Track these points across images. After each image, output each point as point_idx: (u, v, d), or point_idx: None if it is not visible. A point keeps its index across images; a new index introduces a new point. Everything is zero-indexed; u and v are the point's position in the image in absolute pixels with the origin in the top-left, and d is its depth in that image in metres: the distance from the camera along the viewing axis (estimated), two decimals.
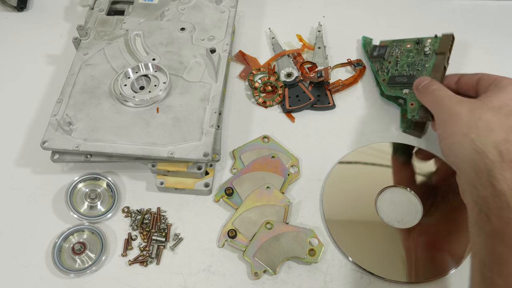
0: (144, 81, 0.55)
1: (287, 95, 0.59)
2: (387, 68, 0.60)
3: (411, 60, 0.58)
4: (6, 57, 0.65)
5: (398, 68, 0.59)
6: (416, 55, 0.59)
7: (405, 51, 0.60)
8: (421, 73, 0.56)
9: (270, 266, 0.46)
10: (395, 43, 0.62)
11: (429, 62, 0.57)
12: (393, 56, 0.60)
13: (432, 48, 0.53)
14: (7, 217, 0.51)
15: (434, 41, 0.56)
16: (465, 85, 0.49)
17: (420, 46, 0.59)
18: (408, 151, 0.55)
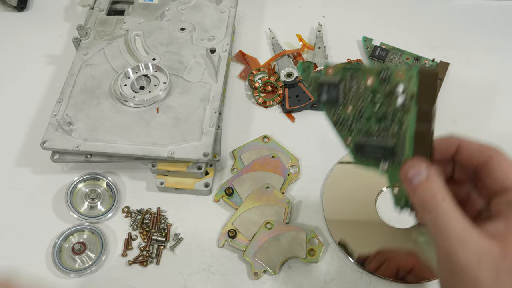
0: (144, 81, 0.55)
1: (287, 95, 0.59)
2: (347, 120, 0.35)
3: (380, 111, 0.33)
4: (6, 57, 0.65)
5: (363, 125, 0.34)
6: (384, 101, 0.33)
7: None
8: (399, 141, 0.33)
9: (270, 266, 0.46)
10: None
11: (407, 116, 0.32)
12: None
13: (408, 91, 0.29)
14: (7, 217, 0.51)
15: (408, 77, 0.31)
16: (468, 160, 0.32)
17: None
18: None
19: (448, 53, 0.63)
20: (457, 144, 0.32)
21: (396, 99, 0.31)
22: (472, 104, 0.59)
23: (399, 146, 0.32)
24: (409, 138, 0.31)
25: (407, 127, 0.31)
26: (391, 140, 0.32)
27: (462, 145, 0.32)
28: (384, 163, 0.33)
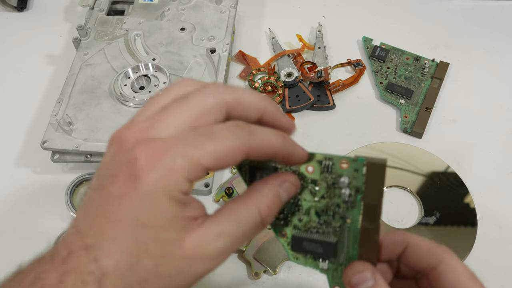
0: (144, 81, 0.55)
1: (287, 95, 0.59)
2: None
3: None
4: (6, 57, 0.65)
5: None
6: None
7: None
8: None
9: (270, 266, 0.46)
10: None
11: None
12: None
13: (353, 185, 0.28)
14: (7, 217, 0.51)
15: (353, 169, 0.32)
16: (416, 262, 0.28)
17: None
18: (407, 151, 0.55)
19: (448, 53, 0.63)
20: (405, 244, 0.28)
21: (339, 192, 0.28)
22: (472, 104, 0.59)
23: (342, 244, 0.28)
24: (353, 237, 0.28)
25: (351, 225, 0.28)
26: (333, 237, 0.28)
27: (411, 245, 0.28)
28: (324, 262, 0.29)
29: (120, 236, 0.22)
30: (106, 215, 0.23)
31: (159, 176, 0.22)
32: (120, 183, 0.23)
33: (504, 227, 0.49)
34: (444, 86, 0.60)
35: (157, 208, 0.22)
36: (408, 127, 0.56)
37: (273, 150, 0.25)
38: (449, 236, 0.48)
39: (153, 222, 0.22)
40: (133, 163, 0.22)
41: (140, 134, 0.24)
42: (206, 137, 0.23)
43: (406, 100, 0.58)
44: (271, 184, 0.26)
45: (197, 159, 0.22)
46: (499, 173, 0.53)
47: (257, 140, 0.24)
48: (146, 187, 0.22)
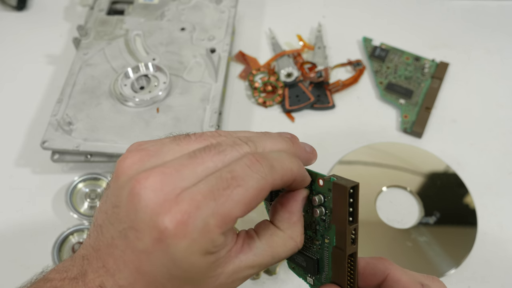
0: (144, 81, 0.55)
1: (287, 95, 0.59)
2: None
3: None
4: (6, 57, 0.65)
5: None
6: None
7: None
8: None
9: (270, 266, 0.46)
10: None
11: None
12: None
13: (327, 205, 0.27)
14: (7, 217, 0.51)
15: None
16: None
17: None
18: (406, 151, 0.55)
19: (448, 53, 0.63)
20: (386, 274, 0.27)
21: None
22: (472, 104, 0.59)
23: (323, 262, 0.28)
24: (329, 258, 0.27)
25: (329, 245, 0.27)
26: (316, 254, 0.28)
27: (392, 276, 0.27)
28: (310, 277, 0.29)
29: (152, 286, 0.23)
30: (135, 264, 0.23)
31: (191, 240, 0.21)
32: (147, 241, 0.22)
33: (504, 227, 0.49)
34: (444, 86, 0.60)
35: (191, 266, 0.22)
36: (408, 127, 0.56)
37: (292, 177, 0.25)
38: (449, 236, 0.48)
39: (191, 275, 0.23)
40: (160, 229, 0.21)
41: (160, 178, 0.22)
42: (232, 184, 0.22)
43: (406, 100, 0.58)
44: (298, 212, 0.27)
45: (228, 213, 0.22)
46: (499, 173, 0.53)
47: (279, 173, 0.24)
48: (178, 252, 0.22)
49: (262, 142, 0.26)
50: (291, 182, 0.25)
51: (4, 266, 0.48)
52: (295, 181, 0.25)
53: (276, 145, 0.26)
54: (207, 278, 0.23)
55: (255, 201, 0.23)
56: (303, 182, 0.26)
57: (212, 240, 0.22)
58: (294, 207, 0.27)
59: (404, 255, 0.47)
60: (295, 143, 0.27)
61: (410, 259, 0.47)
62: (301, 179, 0.26)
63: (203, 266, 0.23)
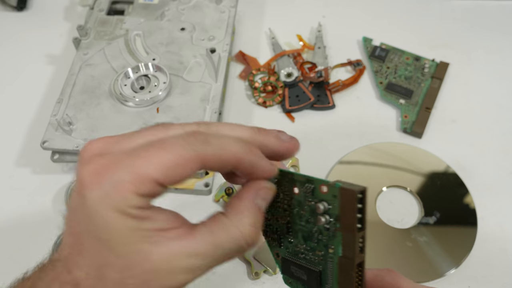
0: (144, 81, 0.55)
1: (287, 95, 0.59)
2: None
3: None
4: (6, 57, 0.65)
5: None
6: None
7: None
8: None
9: (270, 266, 0.46)
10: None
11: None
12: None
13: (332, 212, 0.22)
14: (7, 217, 0.51)
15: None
16: None
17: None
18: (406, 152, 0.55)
19: (448, 53, 0.63)
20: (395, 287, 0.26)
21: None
22: (472, 104, 0.59)
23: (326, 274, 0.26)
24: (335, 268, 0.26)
25: (333, 255, 0.25)
26: (318, 265, 0.27)
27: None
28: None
29: (84, 249, 0.23)
30: (70, 228, 0.23)
31: (103, 193, 0.21)
32: (73, 198, 0.23)
33: (504, 227, 0.49)
34: (444, 86, 0.60)
35: (108, 224, 0.22)
36: (408, 127, 0.56)
37: (234, 159, 0.23)
38: (449, 236, 0.48)
39: (108, 236, 0.22)
40: (80, 180, 0.22)
41: (97, 150, 0.23)
42: (157, 148, 0.22)
43: (406, 100, 0.58)
44: (247, 199, 0.25)
45: (145, 172, 0.21)
46: (499, 173, 0.53)
47: (214, 148, 0.23)
48: (92, 203, 0.22)
49: (219, 127, 0.25)
50: (233, 165, 0.24)
51: (4, 265, 0.48)
52: (241, 165, 0.24)
53: (234, 131, 0.25)
54: (131, 250, 0.22)
55: (177, 168, 0.22)
56: (253, 171, 0.25)
57: (124, 198, 0.21)
58: (245, 194, 0.25)
59: (404, 255, 0.47)
60: (261, 133, 0.25)
61: (410, 259, 0.47)
62: (249, 165, 0.24)
63: (120, 228, 0.22)
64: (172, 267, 0.23)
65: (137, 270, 0.22)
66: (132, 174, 0.21)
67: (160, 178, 0.22)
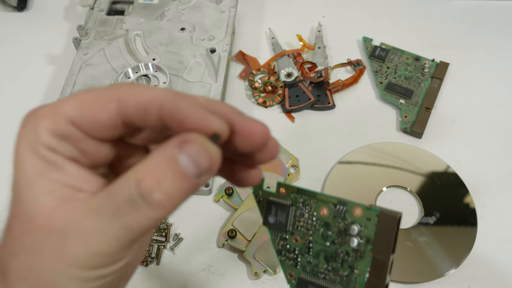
0: (144, 81, 0.55)
1: (287, 95, 0.59)
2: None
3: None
4: (6, 57, 0.65)
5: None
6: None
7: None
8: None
9: (270, 266, 0.46)
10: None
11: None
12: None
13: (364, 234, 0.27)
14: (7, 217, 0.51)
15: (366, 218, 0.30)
16: None
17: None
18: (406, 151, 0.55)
19: (448, 53, 0.63)
20: None
21: (350, 240, 0.27)
22: (472, 104, 0.59)
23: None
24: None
25: (358, 276, 0.26)
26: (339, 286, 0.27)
27: None
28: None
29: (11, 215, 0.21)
30: None
31: (24, 129, 0.21)
32: None
33: (504, 227, 0.49)
34: (444, 86, 0.60)
35: (19, 164, 0.21)
36: (408, 127, 0.56)
37: (154, 102, 0.19)
38: (449, 236, 0.48)
39: (16, 180, 0.21)
40: None
41: None
42: (82, 91, 0.21)
43: (406, 100, 0.58)
44: (163, 146, 0.19)
45: (61, 108, 0.20)
46: (499, 173, 0.53)
47: (132, 90, 0.20)
48: (16, 142, 0.21)
49: None
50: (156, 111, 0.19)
51: None
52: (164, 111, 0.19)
53: None
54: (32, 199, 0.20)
55: (90, 105, 0.20)
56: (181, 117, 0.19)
57: (36, 132, 0.20)
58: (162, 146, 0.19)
59: (404, 255, 0.47)
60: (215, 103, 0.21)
61: (410, 259, 0.47)
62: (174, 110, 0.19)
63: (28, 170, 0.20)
64: (65, 229, 0.19)
65: (32, 226, 0.20)
66: (50, 109, 0.20)
67: (72, 113, 0.20)
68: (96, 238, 0.19)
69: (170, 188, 0.19)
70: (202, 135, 0.19)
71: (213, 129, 0.19)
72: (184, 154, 0.18)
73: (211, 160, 0.19)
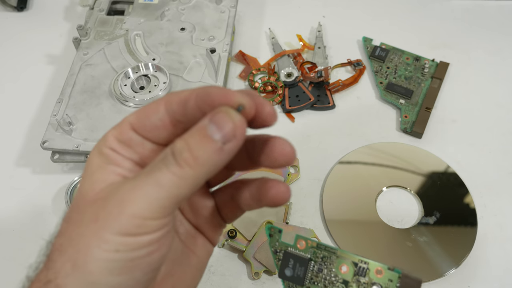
0: (144, 81, 0.55)
1: (287, 95, 0.59)
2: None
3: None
4: (6, 57, 0.65)
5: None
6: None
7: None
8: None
9: (270, 266, 0.46)
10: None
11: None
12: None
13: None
14: (7, 217, 0.51)
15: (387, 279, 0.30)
16: None
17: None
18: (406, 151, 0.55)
19: (448, 53, 0.63)
20: None
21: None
22: (472, 104, 0.59)
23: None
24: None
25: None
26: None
27: None
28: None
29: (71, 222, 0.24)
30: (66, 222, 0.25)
31: (98, 142, 0.25)
32: None
33: (504, 227, 0.49)
34: (444, 86, 0.60)
35: (88, 163, 0.24)
36: (408, 127, 0.56)
37: (191, 94, 0.23)
38: (449, 236, 0.48)
39: (84, 173, 0.24)
40: None
41: None
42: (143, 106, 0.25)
43: (406, 100, 0.58)
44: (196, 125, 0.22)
45: (125, 119, 0.24)
46: (499, 173, 0.53)
47: (175, 92, 0.24)
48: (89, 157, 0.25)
49: None
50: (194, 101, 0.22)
51: (4, 265, 0.48)
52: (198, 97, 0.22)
53: None
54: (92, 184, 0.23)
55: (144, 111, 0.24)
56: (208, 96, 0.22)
57: (105, 140, 0.24)
58: None
59: (404, 255, 0.47)
60: None
61: (410, 259, 0.47)
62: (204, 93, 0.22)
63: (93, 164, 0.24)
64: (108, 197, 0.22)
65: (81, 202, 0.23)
66: (117, 124, 0.25)
67: (133, 121, 0.24)
68: (133, 198, 0.21)
69: (196, 148, 0.21)
70: (228, 107, 0.21)
71: (236, 101, 0.22)
72: (212, 122, 0.21)
73: (233, 125, 0.21)
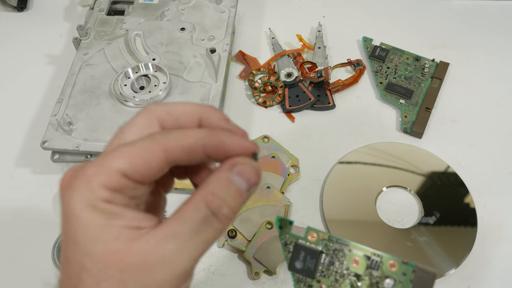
0: (144, 81, 0.55)
1: (287, 95, 0.59)
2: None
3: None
4: (6, 57, 0.65)
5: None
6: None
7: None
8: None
9: (270, 266, 0.46)
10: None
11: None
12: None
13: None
14: (7, 217, 0.51)
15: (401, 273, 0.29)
16: None
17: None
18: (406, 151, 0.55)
19: (448, 53, 0.63)
20: None
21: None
22: (472, 104, 0.59)
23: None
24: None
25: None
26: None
27: None
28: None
29: (63, 258, 0.23)
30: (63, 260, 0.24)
31: (75, 189, 0.22)
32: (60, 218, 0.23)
33: (504, 227, 0.49)
34: (444, 86, 0.60)
35: (80, 221, 0.21)
36: (408, 127, 0.56)
37: (198, 143, 0.23)
38: (449, 236, 0.48)
39: (80, 237, 0.21)
40: (59, 189, 0.24)
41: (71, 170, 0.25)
42: (125, 145, 0.22)
43: (406, 100, 0.58)
44: (218, 171, 0.23)
45: (109, 164, 0.22)
46: (499, 173, 0.53)
47: (175, 136, 0.22)
48: (66, 203, 0.22)
49: None
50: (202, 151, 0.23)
51: (4, 265, 0.48)
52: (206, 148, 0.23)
53: None
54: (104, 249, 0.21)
55: (141, 159, 0.22)
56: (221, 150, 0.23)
57: (92, 190, 0.21)
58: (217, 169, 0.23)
59: (404, 255, 0.47)
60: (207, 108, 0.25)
61: (410, 259, 0.47)
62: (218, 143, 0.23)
63: (91, 225, 0.21)
64: (147, 260, 0.21)
65: (111, 271, 0.21)
66: (98, 167, 0.22)
67: (124, 167, 0.22)
68: (180, 258, 0.22)
69: (232, 203, 0.23)
70: (246, 157, 0.23)
71: (253, 151, 0.24)
72: (238, 175, 0.23)
73: (258, 175, 0.23)
